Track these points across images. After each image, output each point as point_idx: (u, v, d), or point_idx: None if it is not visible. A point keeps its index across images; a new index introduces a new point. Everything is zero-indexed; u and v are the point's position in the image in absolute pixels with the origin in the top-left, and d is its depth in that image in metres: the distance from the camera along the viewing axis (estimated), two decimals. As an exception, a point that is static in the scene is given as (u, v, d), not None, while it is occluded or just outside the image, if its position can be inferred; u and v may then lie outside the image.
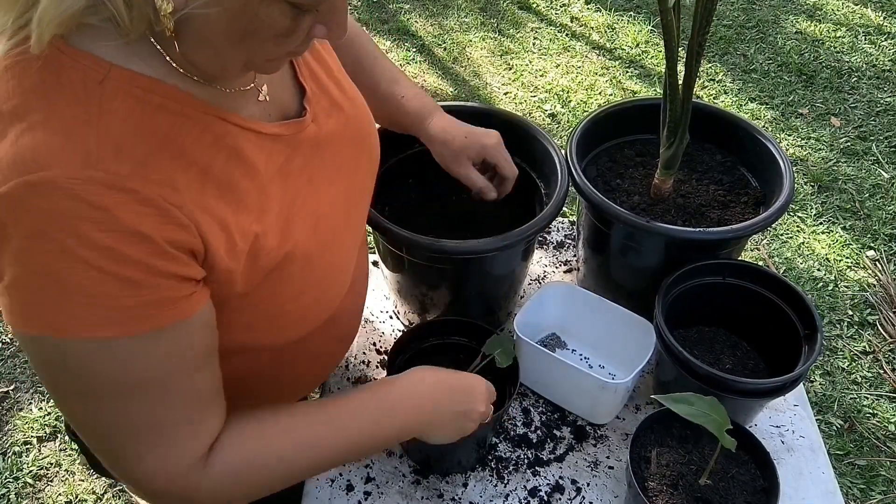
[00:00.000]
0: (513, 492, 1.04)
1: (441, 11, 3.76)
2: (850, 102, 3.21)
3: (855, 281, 2.46)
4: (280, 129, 0.73)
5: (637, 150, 1.30)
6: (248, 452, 0.74)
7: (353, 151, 0.84)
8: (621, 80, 3.33)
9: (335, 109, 0.82)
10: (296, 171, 0.75)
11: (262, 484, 0.76)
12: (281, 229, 0.72)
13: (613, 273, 1.22)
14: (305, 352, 0.89)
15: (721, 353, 1.14)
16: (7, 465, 1.98)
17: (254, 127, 0.70)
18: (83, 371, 0.62)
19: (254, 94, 0.73)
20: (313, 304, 0.82)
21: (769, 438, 1.11)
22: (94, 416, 0.66)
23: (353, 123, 0.85)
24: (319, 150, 0.78)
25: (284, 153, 0.73)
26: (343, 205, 0.83)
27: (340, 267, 0.86)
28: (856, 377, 2.19)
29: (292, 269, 0.74)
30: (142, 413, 0.66)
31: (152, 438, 0.68)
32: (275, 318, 0.77)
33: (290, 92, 0.78)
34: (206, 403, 0.71)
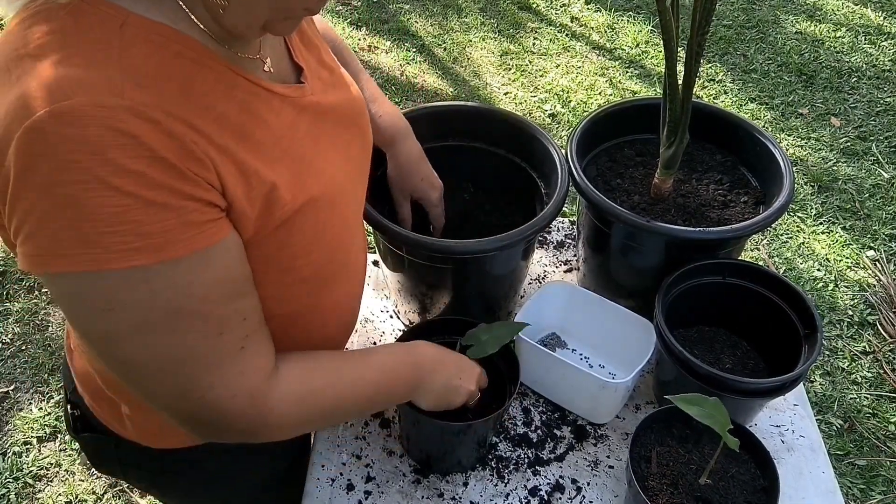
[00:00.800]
0: (513, 491, 1.04)
1: (441, 11, 3.76)
2: (850, 102, 3.21)
3: (855, 281, 2.47)
4: (285, 90, 0.76)
5: (637, 149, 1.30)
6: (311, 377, 0.80)
7: (349, 129, 0.87)
8: (621, 80, 3.33)
9: (329, 88, 0.85)
10: (302, 132, 0.77)
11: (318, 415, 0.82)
12: (294, 182, 0.74)
13: (613, 273, 1.22)
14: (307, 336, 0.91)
15: (721, 353, 1.15)
16: (7, 465, 1.98)
17: (263, 84, 0.72)
18: (131, 304, 0.62)
19: (260, 65, 0.75)
20: (321, 264, 0.83)
21: (769, 438, 1.11)
22: (153, 350, 0.66)
23: (346, 104, 0.87)
24: (321, 117, 0.81)
25: (291, 114, 0.76)
26: (346, 175, 0.86)
27: (347, 231, 0.88)
28: (856, 377, 2.19)
29: (304, 224, 0.76)
30: (200, 338, 0.67)
31: (216, 362, 0.69)
32: (285, 273, 0.79)
33: (288, 70, 0.81)
34: (257, 327, 0.74)
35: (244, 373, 0.71)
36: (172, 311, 0.64)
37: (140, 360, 0.67)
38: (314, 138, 0.79)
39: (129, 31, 0.61)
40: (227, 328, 0.69)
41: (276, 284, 0.80)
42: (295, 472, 1.09)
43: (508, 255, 1.10)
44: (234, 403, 0.71)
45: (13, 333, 2.31)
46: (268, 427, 0.76)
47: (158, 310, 0.64)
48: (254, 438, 0.77)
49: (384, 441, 1.10)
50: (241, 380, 0.71)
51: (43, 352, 2.26)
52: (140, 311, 0.63)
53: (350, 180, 0.88)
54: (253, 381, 0.72)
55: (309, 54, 0.85)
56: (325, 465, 1.07)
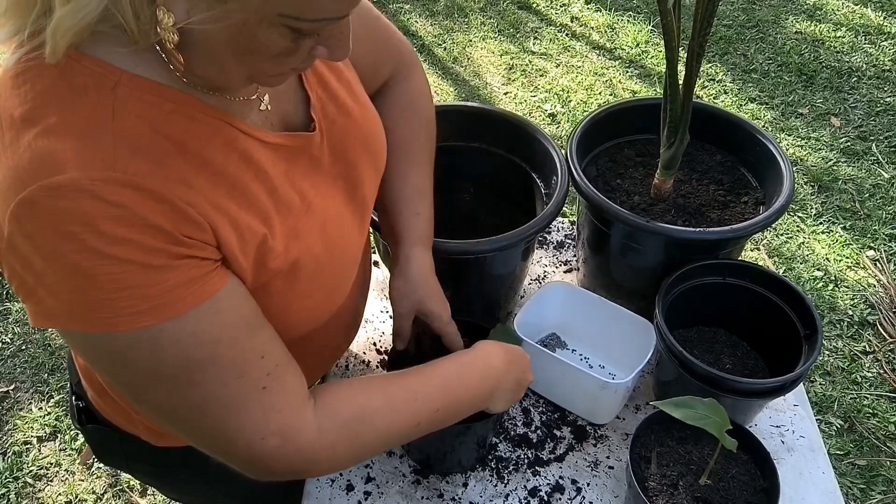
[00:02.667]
0: (513, 492, 1.04)
1: (441, 11, 3.76)
2: (850, 102, 3.21)
3: (855, 281, 2.47)
4: (281, 139, 0.74)
5: (637, 150, 1.30)
6: (356, 402, 0.76)
7: (360, 156, 0.85)
8: (621, 80, 3.33)
9: (342, 114, 0.82)
10: (299, 178, 0.75)
11: (374, 433, 0.77)
12: (288, 234, 0.73)
13: (613, 273, 1.22)
14: (311, 345, 0.90)
15: (721, 353, 1.15)
16: (7, 465, 1.98)
17: (256, 134, 0.71)
18: (144, 360, 0.63)
19: (256, 104, 0.73)
20: (319, 305, 0.83)
21: (769, 438, 1.11)
22: (175, 398, 0.66)
23: (361, 128, 0.85)
24: (322, 158, 0.79)
25: (287, 161, 0.74)
26: (349, 209, 0.84)
27: (346, 269, 0.87)
28: (856, 377, 2.19)
29: (300, 273, 0.75)
30: (218, 385, 0.66)
31: (240, 406, 0.68)
32: (280, 315, 0.78)
33: (295, 100, 0.79)
34: (278, 361, 0.72)
35: (270, 413, 0.69)
36: (186, 363, 0.65)
37: (166, 408, 0.68)
38: (311, 182, 0.77)
39: (122, 92, 0.61)
40: (245, 369, 0.68)
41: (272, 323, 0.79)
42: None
43: (508, 255, 1.10)
44: (265, 445, 0.70)
45: (13, 333, 2.31)
46: (313, 462, 0.74)
47: (171, 363, 0.64)
48: (306, 475, 0.76)
49: (384, 441, 1.10)
50: (268, 420, 0.69)
51: (43, 352, 2.26)
52: (154, 366, 0.64)
53: (355, 210, 0.86)
54: (281, 420, 0.70)
55: (327, 69, 0.82)
56: (324, 466, 1.07)
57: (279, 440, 0.70)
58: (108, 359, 0.64)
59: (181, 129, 0.64)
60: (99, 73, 0.60)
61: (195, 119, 0.65)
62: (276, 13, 0.56)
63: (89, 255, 0.58)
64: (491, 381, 0.88)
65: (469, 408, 0.87)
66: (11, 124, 0.59)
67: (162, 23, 0.57)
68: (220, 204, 0.66)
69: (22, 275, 0.60)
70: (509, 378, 0.91)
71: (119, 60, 0.61)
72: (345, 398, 0.76)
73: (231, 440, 0.69)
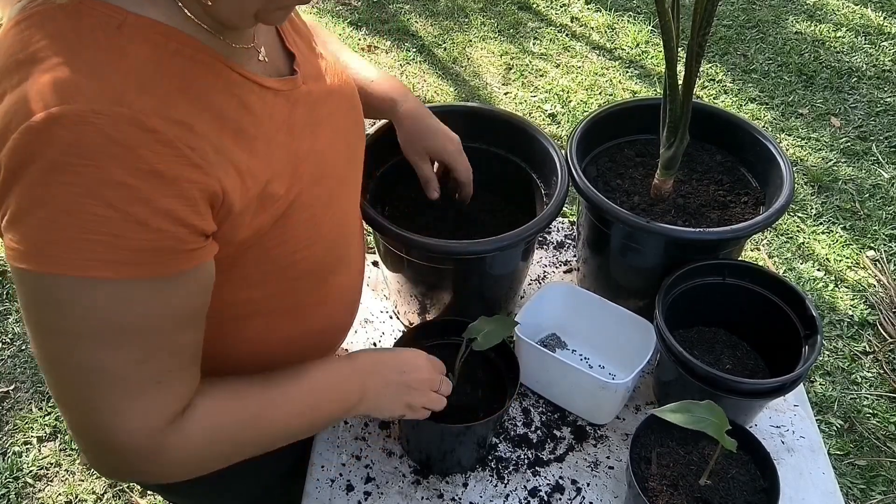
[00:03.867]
0: (513, 492, 1.04)
1: (441, 11, 3.76)
2: (850, 102, 3.21)
3: (855, 281, 2.47)
4: (279, 83, 0.76)
5: (637, 150, 1.30)
6: (223, 419, 0.75)
7: (346, 113, 0.88)
8: (621, 80, 3.33)
9: (320, 76, 0.85)
10: (299, 123, 0.77)
11: (231, 452, 0.78)
12: (289, 176, 0.74)
13: (613, 273, 1.22)
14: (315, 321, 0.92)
15: (721, 354, 1.15)
16: (7, 465, 1.98)
17: (257, 80, 0.72)
18: (70, 309, 0.62)
19: (254, 54, 0.75)
20: (322, 255, 0.83)
21: (769, 439, 1.11)
22: (73, 359, 0.65)
23: (338, 90, 0.87)
24: (316, 107, 0.81)
25: (286, 107, 0.76)
26: (344, 158, 0.86)
27: (346, 219, 0.88)
28: (856, 377, 2.19)
29: (301, 216, 0.76)
30: (122, 362, 0.65)
31: (129, 390, 0.67)
32: (287, 268, 0.79)
33: (282, 57, 0.81)
34: (185, 364, 0.72)
35: (150, 410, 0.69)
36: (107, 326, 0.63)
37: (58, 361, 0.66)
38: (311, 129, 0.79)
39: (127, 32, 0.61)
40: (153, 358, 0.67)
41: (277, 281, 0.81)
42: (297, 472, 1.09)
43: (508, 255, 1.10)
44: (130, 437, 0.69)
45: (13, 333, 2.31)
46: (160, 466, 0.73)
47: (94, 321, 0.63)
48: (145, 477, 0.74)
49: (384, 442, 1.10)
50: (143, 417, 0.68)
51: (43, 352, 2.26)
52: (76, 317, 0.62)
53: (348, 165, 0.89)
54: (154, 421, 0.69)
55: (300, 41, 0.85)
56: (324, 466, 1.07)
57: (142, 440, 0.69)
58: (37, 300, 0.62)
59: (184, 69, 0.65)
60: (104, 14, 0.61)
61: (198, 61, 0.66)
62: None
63: (78, 191, 0.57)
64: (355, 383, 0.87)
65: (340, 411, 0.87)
66: (18, 67, 0.59)
67: None
68: (224, 147, 0.66)
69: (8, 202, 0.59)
70: (377, 380, 0.89)
71: (124, 2, 0.62)
72: (212, 413, 0.75)
73: (100, 421, 0.67)
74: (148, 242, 0.61)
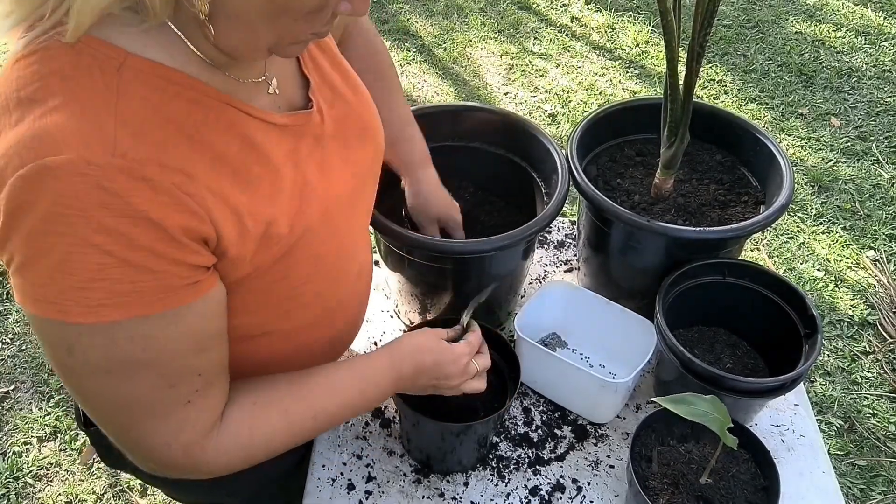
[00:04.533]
0: (514, 491, 1.04)
1: (441, 11, 3.76)
2: (850, 102, 3.21)
3: (855, 281, 2.47)
4: (288, 119, 0.75)
5: (637, 149, 1.30)
6: (255, 429, 0.78)
7: (358, 140, 0.86)
8: (621, 80, 3.33)
9: (338, 99, 0.84)
10: (304, 159, 0.76)
11: (265, 454, 0.80)
12: (292, 214, 0.74)
13: (614, 273, 1.22)
14: (316, 338, 0.91)
15: (721, 353, 1.15)
16: (7, 465, 1.98)
17: (264, 117, 0.72)
18: (90, 353, 0.63)
19: (264, 87, 0.74)
20: (325, 288, 0.84)
21: (770, 438, 1.11)
22: (102, 393, 0.67)
23: (357, 112, 0.86)
24: (325, 139, 0.80)
25: (292, 142, 0.75)
26: (351, 191, 0.85)
27: (350, 251, 0.88)
28: (856, 377, 2.19)
29: (304, 253, 0.76)
30: (148, 390, 0.68)
31: (160, 413, 0.70)
32: (287, 300, 0.79)
33: (296, 84, 0.80)
34: (211, 381, 0.73)
35: (184, 426, 0.71)
36: (129, 361, 0.65)
37: (90, 396, 0.68)
38: (316, 163, 0.78)
39: (126, 74, 0.61)
40: (180, 381, 0.69)
41: (277, 310, 0.81)
42: (297, 470, 1.09)
43: (508, 254, 1.10)
44: (167, 452, 0.72)
45: (13, 333, 2.31)
46: (205, 473, 0.76)
47: (115, 359, 0.64)
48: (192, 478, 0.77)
49: (385, 441, 1.10)
50: (179, 432, 0.71)
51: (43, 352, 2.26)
52: (96, 359, 0.64)
53: (357, 192, 0.87)
54: (191, 435, 0.72)
55: (322, 56, 0.84)
56: (325, 465, 1.07)
57: (182, 452, 0.72)
58: (56, 343, 0.64)
59: (184, 112, 0.64)
60: (104, 55, 0.61)
61: (199, 102, 0.66)
62: None
63: (74, 241, 0.58)
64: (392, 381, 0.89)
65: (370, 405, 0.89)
66: (18, 104, 0.59)
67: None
68: (222, 190, 0.66)
69: (11, 250, 0.61)
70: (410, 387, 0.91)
71: (125, 41, 0.62)
72: (247, 422, 0.77)
73: (140, 439, 0.71)
74: (149, 283, 0.62)
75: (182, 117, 0.64)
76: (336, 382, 0.85)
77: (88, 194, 0.57)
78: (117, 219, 0.59)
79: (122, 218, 0.59)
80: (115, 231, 0.59)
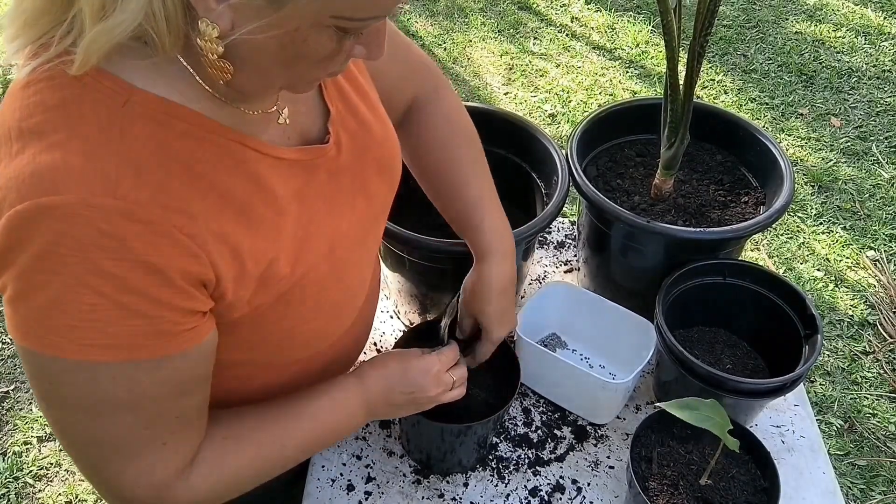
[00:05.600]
0: (513, 491, 1.04)
1: (441, 11, 3.76)
2: (850, 102, 3.21)
3: (855, 281, 2.47)
4: (299, 154, 0.73)
5: (637, 150, 1.30)
6: (225, 466, 0.76)
7: (375, 174, 0.83)
8: (621, 80, 3.33)
9: (363, 129, 0.81)
10: (313, 195, 0.74)
11: (236, 490, 0.79)
12: (295, 254, 0.71)
13: (614, 273, 1.22)
14: (317, 365, 0.90)
15: (721, 354, 1.15)
16: (7, 465, 1.98)
17: (273, 153, 0.70)
18: (73, 389, 0.63)
19: (275, 117, 0.72)
20: (323, 327, 0.82)
21: (770, 438, 1.11)
22: (78, 429, 0.66)
23: (380, 146, 0.83)
24: (339, 174, 0.77)
25: (302, 177, 0.73)
26: (360, 226, 0.82)
27: (353, 289, 0.85)
28: (856, 377, 2.19)
29: (304, 294, 0.74)
30: (125, 430, 0.67)
31: (134, 453, 0.68)
32: (285, 339, 0.78)
33: (315, 112, 0.77)
34: (190, 423, 0.72)
35: (156, 467, 0.70)
36: (110, 402, 0.64)
37: (66, 430, 0.68)
38: (325, 199, 0.75)
39: (132, 111, 0.60)
40: (157, 423, 0.68)
41: (275, 348, 0.79)
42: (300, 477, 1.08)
43: (509, 255, 1.10)
44: (137, 493, 0.70)
45: (13, 333, 2.31)
46: None
47: (96, 398, 0.64)
48: None
49: (384, 441, 1.10)
50: (150, 473, 0.70)
51: (43, 352, 2.26)
52: (79, 395, 0.63)
53: (367, 230, 0.84)
54: (161, 476, 0.71)
55: (348, 84, 0.81)
56: (325, 466, 1.07)
57: (152, 493, 0.71)
58: (40, 375, 0.64)
59: (189, 150, 0.63)
60: (110, 90, 0.59)
61: (206, 140, 0.64)
62: (329, 15, 0.56)
63: (68, 280, 0.57)
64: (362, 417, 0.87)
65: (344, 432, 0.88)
66: (20, 135, 0.58)
67: (205, 35, 0.56)
68: (224, 230, 0.64)
69: (5, 281, 0.60)
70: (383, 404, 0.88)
71: (132, 75, 0.60)
72: (217, 462, 0.76)
73: (110, 478, 0.70)
74: (141, 328, 0.61)
75: (186, 156, 0.62)
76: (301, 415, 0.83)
77: (86, 236, 0.56)
78: (114, 262, 0.58)
79: (120, 261, 0.58)
80: (111, 274, 0.58)
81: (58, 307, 0.58)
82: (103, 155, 0.58)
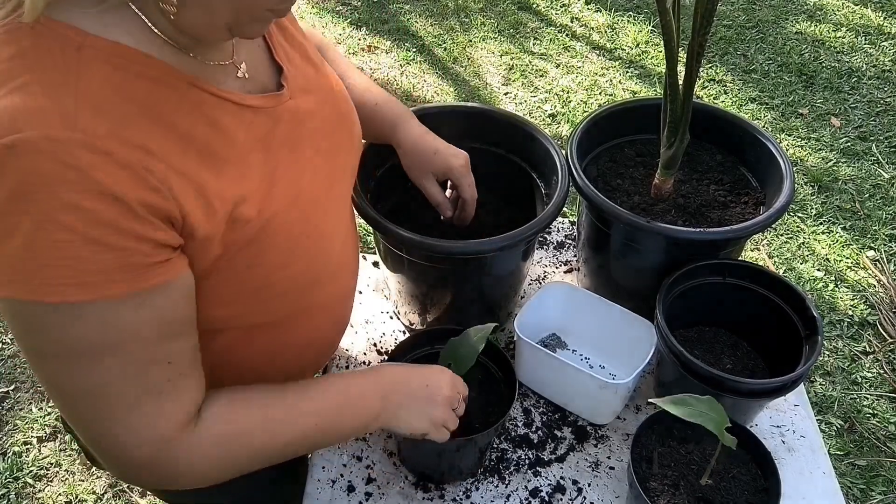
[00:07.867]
0: (514, 492, 1.04)
1: (441, 11, 3.76)
2: (850, 102, 3.21)
3: (855, 281, 2.47)
4: (259, 101, 0.75)
5: (637, 150, 1.30)
6: (232, 424, 0.75)
7: (333, 129, 0.86)
8: (621, 80, 3.33)
9: (312, 88, 0.84)
10: (277, 142, 0.76)
11: (245, 458, 0.78)
12: (261, 197, 0.73)
13: (614, 273, 1.22)
14: (298, 336, 0.90)
15: (721, 354, 1.15)
16: (7, 465, 1.98)
17: (232, 98, 0.72)
18: (58, 334, 0.63)
19: (233, 71, 0.74)
20: (299, 276, 0.82)
21: (770, 438, 1.11)
22: (71, 379, 0.66)
23: (331, 103, 0.86)
24: (300, 124, 0.80)
25: (266, 125, 0.75)
26: (325, 178, 0.84)
27: (325, 239, 0.86)
28: (856, 377, 2.19)
29: (275, 239, 0.75)
30: (118, 377, 0.66)
31: (132, 403, 0.68)
32: (261, 289, 0.78)
33: (268, 72, 0.80)
34: (185, 371, 0.72)
35: (156, 419, 0.69)
36: (97, 345, 0.64)
37: (60, 384, 0.67)
38: (290, 147, 0.78)
39: (87, 54, 0.61)
40: (149, 369, 0.68)
41: (251, 300, 0.79)
42: (297, 473, 1.08)
43: (508, 255, 1.10)
44: (139, 452, 0.70)
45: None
46: (177, 476, 0.73)
47: (83, 342, 0.64)
48: (162, 484, 0.75)
49: (385, 443, 1.10)
50: (151, 426, 0.69)
51: (43, 352, 2.26)
52: (65, 341, 0.63)
53: (333, 182, 0.87)
54: (163, 429, 0.70)
55: (293, 51, 0.84)
56: (325, 467, 1.07)
57: (153, 450, 0.70)
58: (23, 326, 0.64)
59: (146, 91, 0.64)
60: (64, 35, 0.61)
61: (162, 82, 0.65)
62: None
63: (37, 218, 0.58)
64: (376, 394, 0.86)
65: (358, 424, 0.86)
66: None
67: None
68: (187, 170, 0.66)
69: None
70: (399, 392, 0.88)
71: (85, 23, 0.62)
72: (224, 418, 0.75)
73: (109, 435, 0.69)
74: (113, 261, 0.61)
75: (144, 96, 0.64)
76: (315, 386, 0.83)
77: (50, 170, 0.57)
78: (80, 194, 0.58)
79: (85, 193, 0.59)
80: (78, 207, 0.58)
81: (30, 249, 0.59)
82: (62, 95, 0.59)
